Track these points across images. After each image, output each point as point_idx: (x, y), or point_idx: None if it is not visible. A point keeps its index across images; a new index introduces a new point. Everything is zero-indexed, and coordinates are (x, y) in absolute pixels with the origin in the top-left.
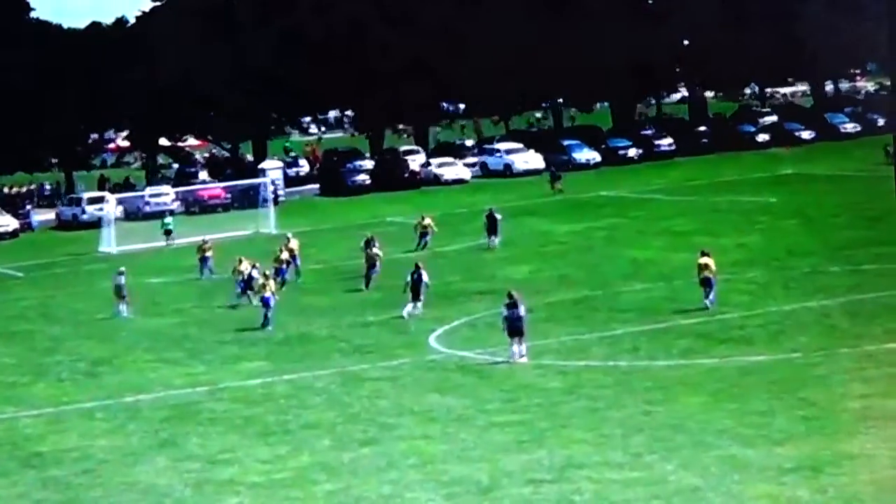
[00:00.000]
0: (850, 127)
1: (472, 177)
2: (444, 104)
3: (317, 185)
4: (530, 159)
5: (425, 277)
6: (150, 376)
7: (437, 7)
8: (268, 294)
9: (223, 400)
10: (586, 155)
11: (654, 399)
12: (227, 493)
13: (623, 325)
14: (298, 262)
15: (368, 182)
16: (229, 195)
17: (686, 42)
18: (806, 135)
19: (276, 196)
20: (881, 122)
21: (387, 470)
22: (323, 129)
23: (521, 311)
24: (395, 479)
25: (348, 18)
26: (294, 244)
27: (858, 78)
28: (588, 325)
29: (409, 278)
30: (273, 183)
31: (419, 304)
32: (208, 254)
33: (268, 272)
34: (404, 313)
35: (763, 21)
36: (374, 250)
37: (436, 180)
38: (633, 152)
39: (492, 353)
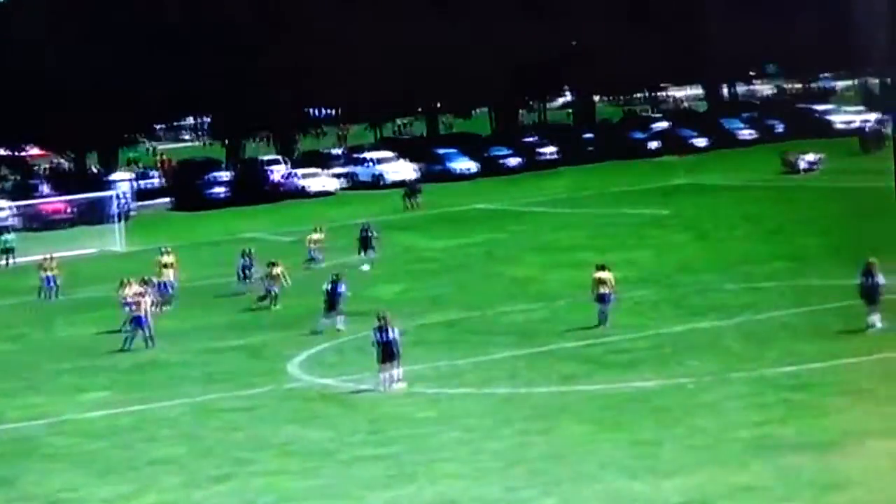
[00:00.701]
0: (747, 133)
1: (340, 188)
2: (311, 110)
3: (170, 199)
4: (402, 169)
5: (342, 288)
6: None
7: (304, 4)
8: (141, 313)
9: (64, 434)
10: (463, 164)
11: (534, 428)
12: None
13: (501, 349)
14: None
15: (226, 195)
16: (74, 210)
17: (573, 43)
18: (700, 142)
19: (126, 210)
20: (779, 127)
21: None
22: (187, 136)
23: (395, 333)
24: None
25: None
26: (169, 259)
27: (756, 81)
28: (463, 350)
29: (327, 287)
30: (122, 196)
31: (340, 318)
32: (51, 273)
33: (144, 289)
34: (319, 326)
35: (654, 21)
36: (277, 270)
37: (300, 192)
38: (513, 161)
39: (357, 381)
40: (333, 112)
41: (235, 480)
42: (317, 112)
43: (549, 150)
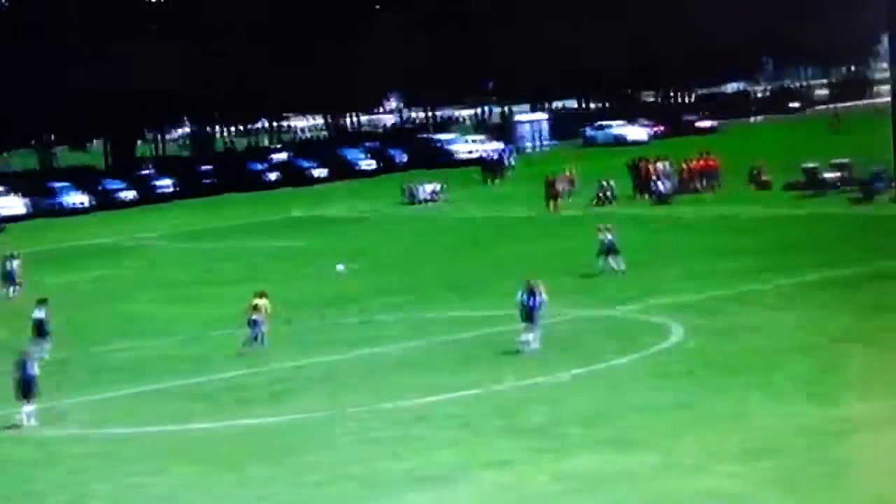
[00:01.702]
0: (368, 164)
1: None
2: None
3: None
4: (11, 204)
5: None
6: None
7: None
8: None
9: None
10: (77, 199)
11: (146, 470)
12: None
13: (111, 389)
14: None
15: None
16: None
17: (190, 73)
18: (320, 172)
19: None
20: (401, 157)
21: None
22: None
23: (34, 368)
24: None
25: None
26: None
27: (378, 110)
28: (71, 390)
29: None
30: None
31: None
32: None
33: None
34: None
35: (272, 51)
36: None
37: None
38: (129, 195)
39: None
40: None
41: None
42: None
43: (166, 183)
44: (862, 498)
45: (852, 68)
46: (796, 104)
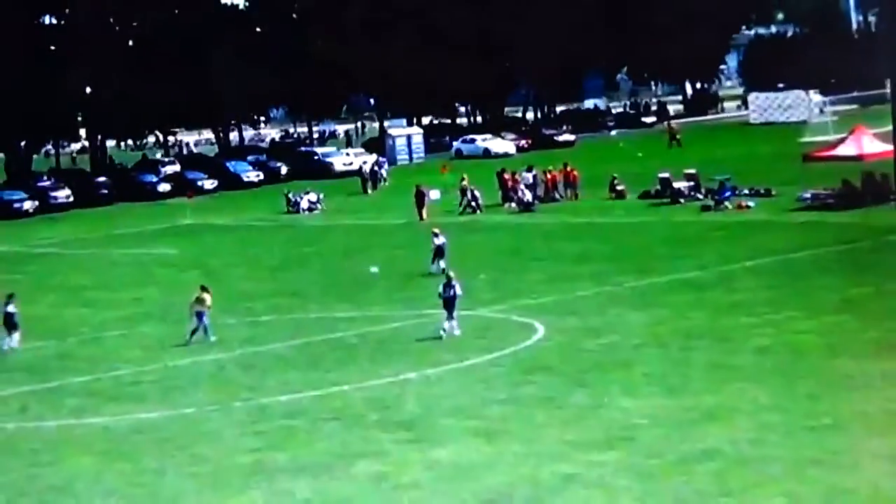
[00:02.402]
0: (254, 175)
1: None
2: None
3: None
4: None
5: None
6: None
7: None
8: None
9: None
10: None
11: (42, 461)
12: None
13: (10, 386)
14: None
15: None
16: None
17: (88, 90)
18: (208, 184)
19: None
20: (284, 169)
21: None
22: None
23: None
24: None
25: None
26: None
27: (263, 125)
28: None
29: None
30: None
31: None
32: None
33: None
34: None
35: (167, 68)
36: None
37: None
38: (28, 205)
39: None
40: None
41: None
42: None
43: (64, 194)
44: (708, 481)
45: (699, 86)
46: (651, 119)
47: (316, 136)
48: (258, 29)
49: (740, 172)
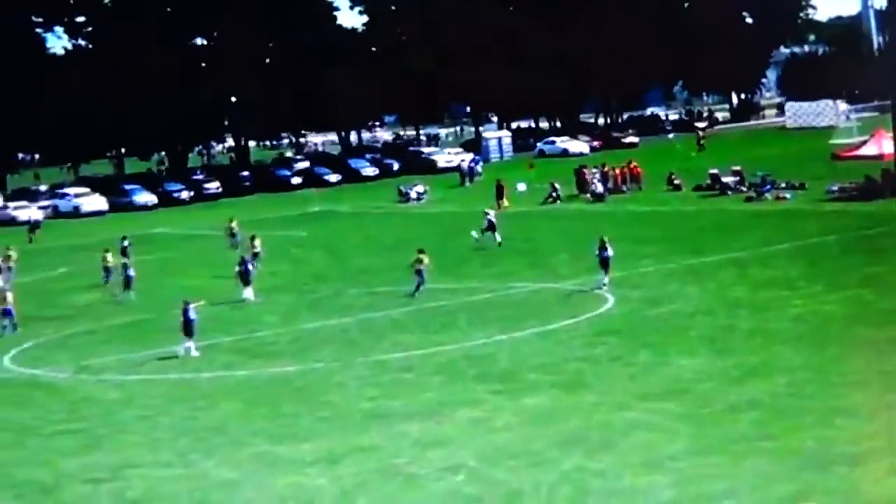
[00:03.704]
0: (370, 171)
1: (45, 218)
2: (21, 155)
3: None
4: (96, 202)
5: (194, 315)
6: None
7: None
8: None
9: None
10: (145, 198)
11: (199, 406)
12: None
13: (173, 344)
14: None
15: None
16: None
17: (233, 99)
18: (333, 178)
19: None
20: (396, 166)
21: None
22: None
23: (194, 314)
24: None
25: None
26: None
27: (377, 129)
28: (143, 344)
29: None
30: None
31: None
32: None
33: None
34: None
35: (297, 81)
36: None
37: (12, 221)
38: (185, 195)
39: (59, 371)
40: (31, 157)
41: None
42: (27, 157)
43: (214, 186)
44: (750, 427)
45: (743, 96)
46: (703, 124)
47: (423, 138)
48: (373, 49)
49: (778, 169)
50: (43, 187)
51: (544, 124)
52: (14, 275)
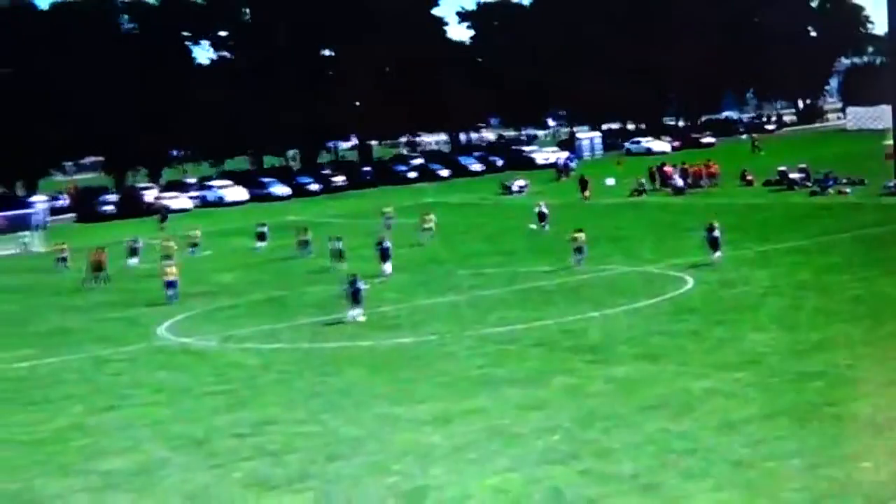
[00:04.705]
0: (477, 167)
1: (194, 206)
2: (174, 151)
3: (74, 214)
4: (237, 193)
5: (363, 286)
6: None
7: (163, 73)
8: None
9: None
10: (280, 190)
11: (328, 372)
12: (1, 450)
13: (306, 317)
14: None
15: (114, 211)
16: (6, 221)
17: (356, 103)
18: (444, 173)
19: (43, 223)
20: (499, 162)
21: (126, 429)
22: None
23: (362, 285)
24: (132, 436)
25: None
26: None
27: (483, 130)
28: (279, 317)
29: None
30: (40, 212)
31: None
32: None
33: None
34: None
35: (412, 89)
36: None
37: (165, 209)
38: (315, 187)
39: (207, 339)
40: (183, 153)
41: (121, 410)
42: (175, 153)
43: (340, 179)
44: (815, 395)
45: (808, 101)
46: (772, 126)
47: (523, 138)
48: (479, 59)
49: (840, 166)
50: (192, 180)
51: (631, 126)
52: (199, 251)
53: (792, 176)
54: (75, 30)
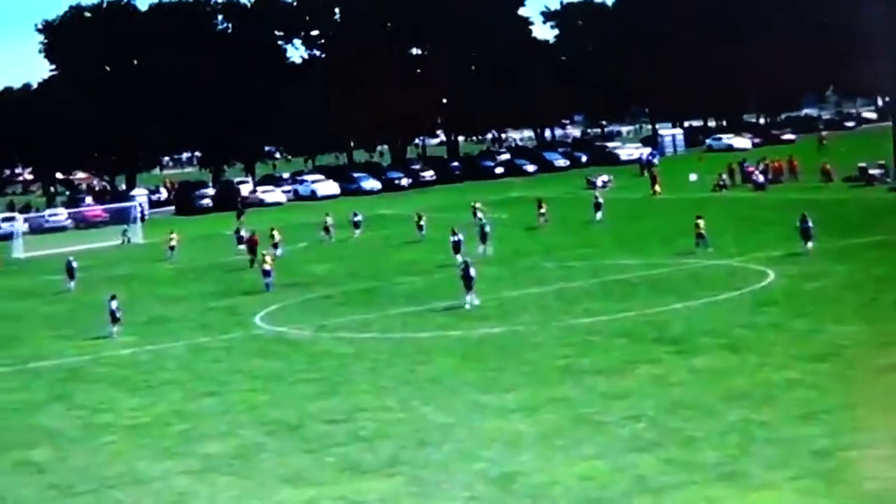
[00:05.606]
0: (562, 162)
1: (287, 200)
2: (267, 147)
3: (173, 207)
4: (329, 187)
5: (472, 271)
6: (49, 348)
7: (261, 73)
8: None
9: (103, 365)
10: (371, 184)
11: (418, 360)
12: (106, 433)
13: (396, 308)
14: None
15: (211, 204)
16: (108, 214)
17: (444, 101)
18: (530, 168)
19: (143, 215)
20: (584, 158)
21: (223, 414)
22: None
23: (472, 271)
24: (230, 420)
25: (191, 85)
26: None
27: (568, 126)
28: (371, 308)
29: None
30: (140, 205)
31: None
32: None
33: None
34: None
35: (498, 86)
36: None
37: (260, 203)
38: (404, 182)
39: (301, 329)
40: (275, 149)
41: (219, 396)
42: (272, 149)
43: (429, 174)
44: (893, 386)
45: (888, 99)
46: (851, 123)
47: (607, 134)
48: (563, 58)
49: None
50: (285, 174)
51: (712, 123)
52: (280, 248)
53: (871, 172)
54: (172, 29)
